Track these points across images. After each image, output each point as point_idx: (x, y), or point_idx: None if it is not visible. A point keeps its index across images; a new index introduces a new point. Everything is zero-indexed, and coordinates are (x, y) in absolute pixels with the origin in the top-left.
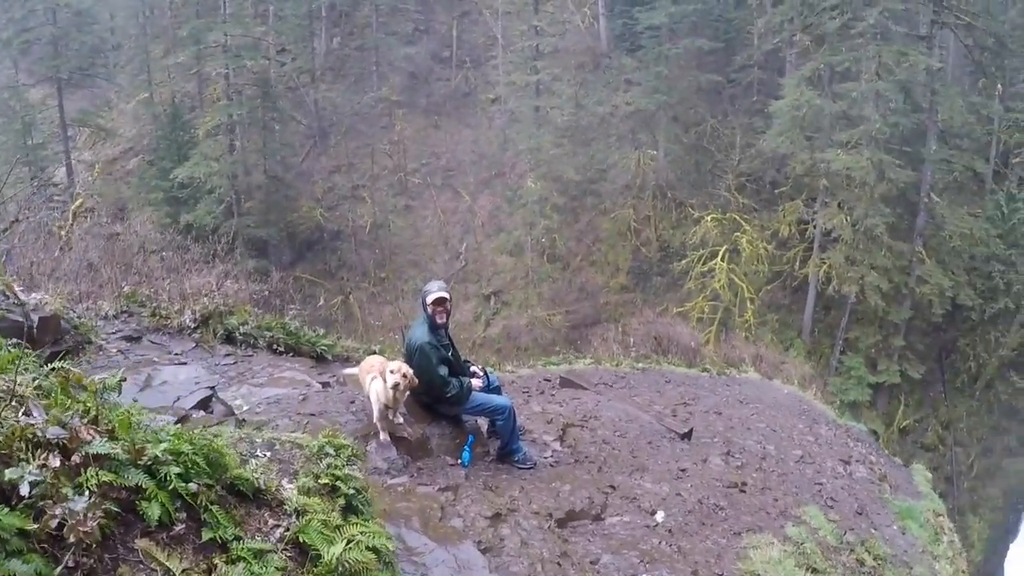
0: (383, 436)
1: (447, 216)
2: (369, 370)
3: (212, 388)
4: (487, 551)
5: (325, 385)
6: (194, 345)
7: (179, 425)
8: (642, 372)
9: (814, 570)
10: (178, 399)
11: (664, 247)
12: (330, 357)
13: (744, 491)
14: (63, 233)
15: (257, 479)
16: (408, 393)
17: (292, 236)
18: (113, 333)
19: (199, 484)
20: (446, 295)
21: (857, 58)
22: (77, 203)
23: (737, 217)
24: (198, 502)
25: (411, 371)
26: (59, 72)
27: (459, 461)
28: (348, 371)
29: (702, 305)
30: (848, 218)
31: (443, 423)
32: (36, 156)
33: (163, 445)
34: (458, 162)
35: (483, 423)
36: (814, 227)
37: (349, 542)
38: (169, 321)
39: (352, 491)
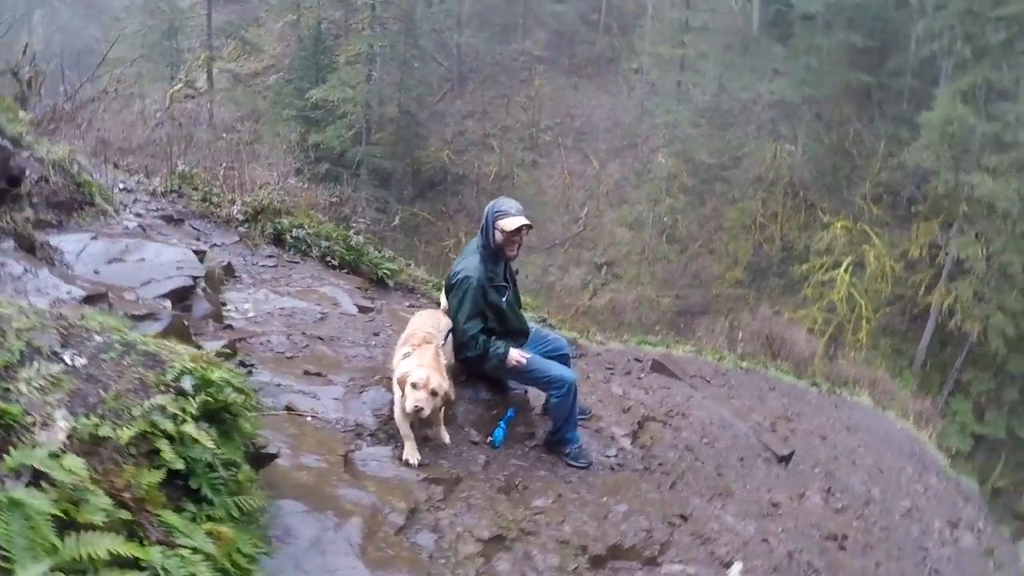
0: (407, 445)
1: (572, 179)
2: (409, 338)
3: (195, 278)
4: None
5: (364, 310)
6: (238, 239)
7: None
8: (746, 373)
9: None
10: (148, 283)
11: (787, 247)
12: (391, 284)
13: (844, 548)
14: (156, 112)
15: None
16: (443, 407)
17: (416, 172)
18: (153, 210)
19: None
20: (528, 223)
21: (1018, 77)
22: (177, 87)
23: (868, 229)
24: None
25: (445, 385)
26: None
27: (488, 439)
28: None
29: (816, 315)
30: (984, 250)
31: (481, 384)
32: (179, 59)
33: None
34: (592, 126)
35: (538, 397)
36: (946, 254)
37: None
38: (219, 209)
39: (200, 468)
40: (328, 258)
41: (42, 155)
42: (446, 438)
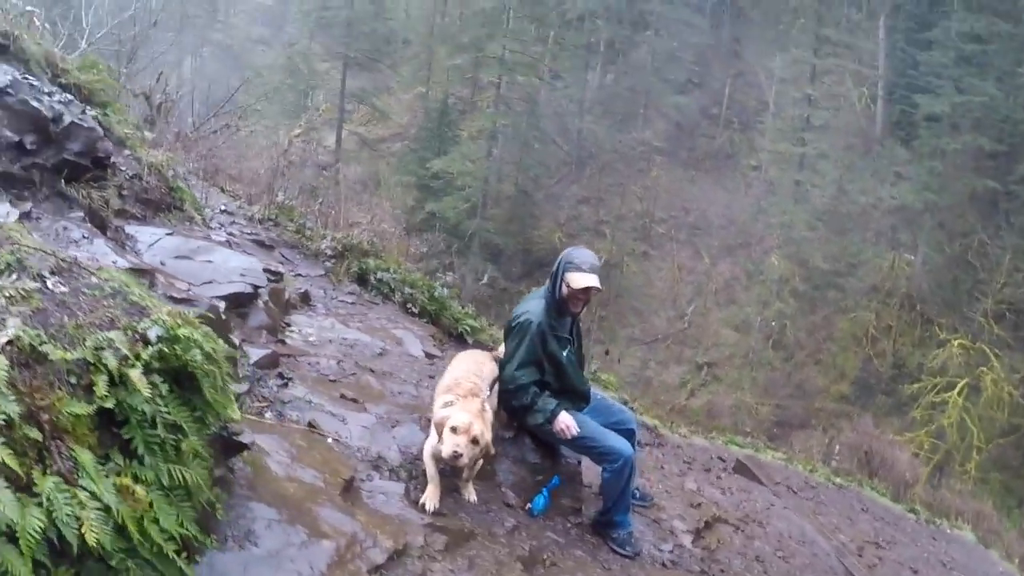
0: (430, 487)
1: (682, 273)
2: (453, 387)
3: (256, 288)
4: None
5: (429, 356)
6: (323, 273)
7: None
8: (838, 489)
9: None
10: (208, 282)
11: (898, 364)
12: (470, 340)
13: None
14: (273, 149)
15: None
16: (480, 460)
17: (527, 252)
18: (248, 233)
19: None
20: (599, 285)
21: None
22: (296, 131)
23: (987, 349)
24: None
25: (487, 436)
26: (348, 51)
27: (526, 505)
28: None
29: (923, 439)
30: None
31: (529, 444)
32: (312, 119)
33: None
34: (706, 222)
35: (593, 471)
36: None
37: None
38: (310, 242)
39: (136, 418)
40: (409, 304)
41: (141, 156)
42: (473, 496)
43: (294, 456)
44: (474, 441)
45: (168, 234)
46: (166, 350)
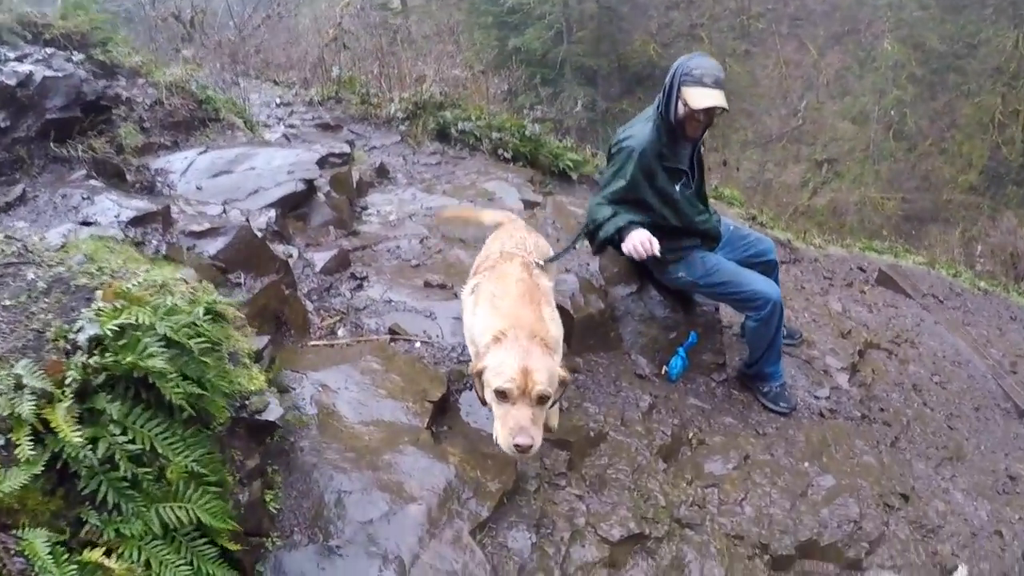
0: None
1: (789, 68)
2: (480, 265)
3: (309, 182)
4: None
5: (529, 205)
6: (399, 139)
7: None
8: (984, 296)
9: None
10: (254, 192)
11: None
12: (574, 176)
13: None
14: (330, 31)
15: None
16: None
17: (623, 68)
18: (309, 119)
19: None
20: (724, 104)
21: None
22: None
23: None
24: None
25: (555, 372)
26: None
27: (663, 370)
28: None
29: None
30: None
31: (657, 297)
32: None
33: None
34: (807, 11)
35: (732, 317)
36: None
37: None
38: (378, 110)
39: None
40: (500, 150)
41: (159, 79)
42: (554, 421)
43: (370, 386)
44: (540, 401)
45: (201, 153)
46: (109, 355)
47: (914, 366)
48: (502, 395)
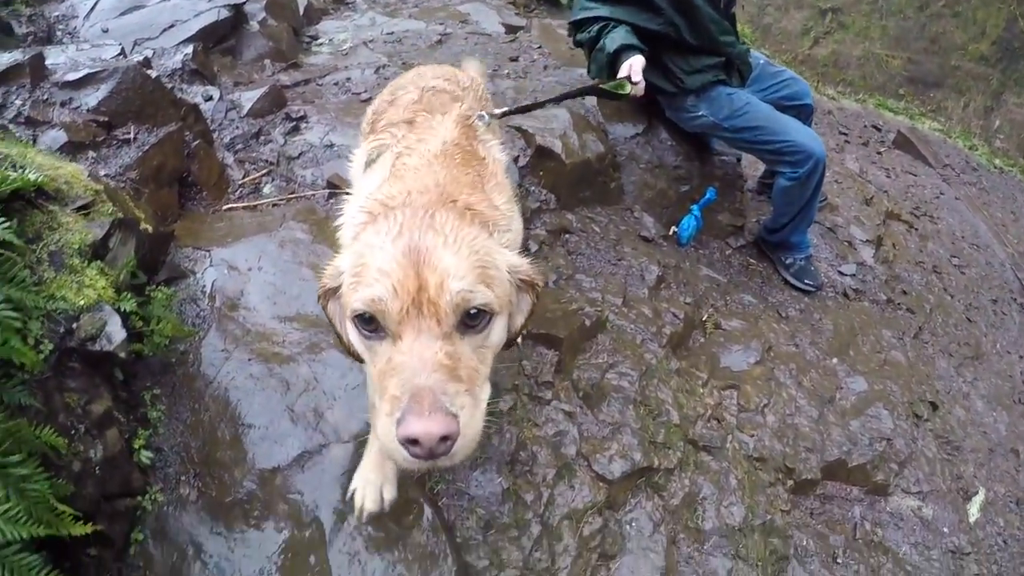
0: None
1: None
2: (378, 114)
3: (235, 7)
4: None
5: (510, 29)
6: None
7: None
8: (999, 174)
9: None
10: (170, 27)
11: None
12: (564, 0)
13: None
14: None
15: None
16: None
17: None
18: None
19: None
20: None
21: None
22: None
23: None
24: None
25: (470, 268)
26: None
27: (672, 231)
28: None
29: None
30: None
31: (669, 139)
32: None
33: None
34: None
35: (753, 167)
36: None
37: None
38: None
39: None
40: None
41: None
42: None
43: (292, 265)
44: (465, 323)
45: None
46: None
47: (933, 243)
48: (368, 323)
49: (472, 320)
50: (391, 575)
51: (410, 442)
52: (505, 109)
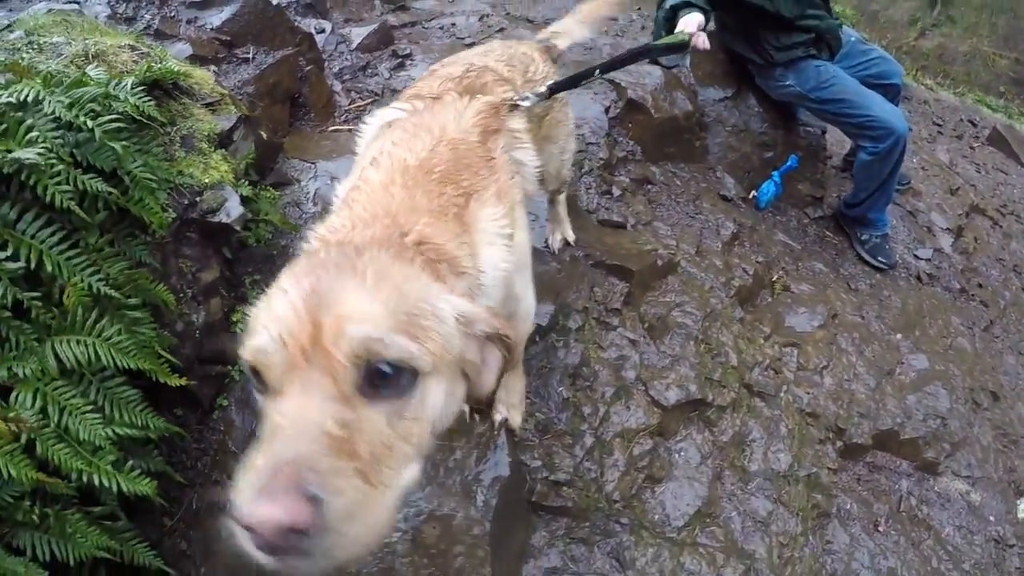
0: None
1: None
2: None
3: None
4: None
5: None
6: None
7: None
8: None
9: None
10: None
11: None
12: None
13: None
14: None
15: None
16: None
17: None
18: None
19: None
20: None
21: None
22: None
23: None
24: None
25: (384, 312)
26: None
27: (751, 194)
28: None
29: None
30: None
31: (756, 106)
32: None
33: None
34: None
35: (839, 143)
36: None
37: None
38: None
39: None
40: None
41: None
42: (568, 235)
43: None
44: (369, 377)
45: None
46: None
47: (1016, 243)
48: (257, 375)
49: (384, 381)
50: (448, 455)
51: (249, 526)
52: (550, 84)
